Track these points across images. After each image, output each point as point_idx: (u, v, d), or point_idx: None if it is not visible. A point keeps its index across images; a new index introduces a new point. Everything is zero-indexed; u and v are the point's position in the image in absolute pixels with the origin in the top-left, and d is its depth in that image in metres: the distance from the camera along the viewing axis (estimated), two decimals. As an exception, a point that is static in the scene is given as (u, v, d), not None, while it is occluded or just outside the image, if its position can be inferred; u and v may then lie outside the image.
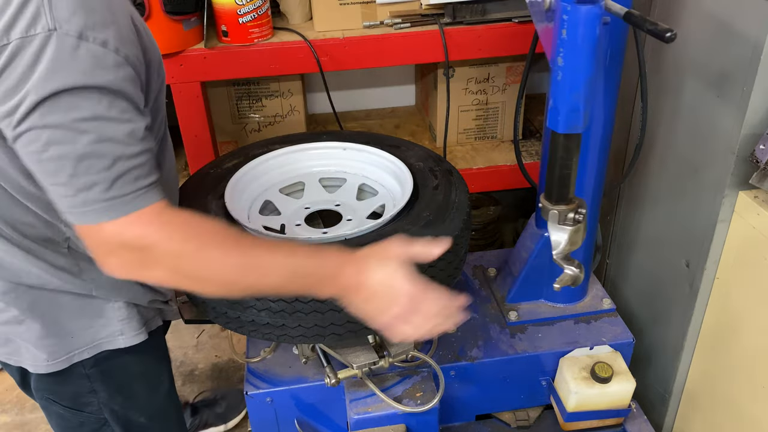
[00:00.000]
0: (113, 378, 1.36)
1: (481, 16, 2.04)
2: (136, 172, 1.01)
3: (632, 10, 1.25)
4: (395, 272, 1.11)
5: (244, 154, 1.69)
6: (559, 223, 1.44)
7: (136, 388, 1.42)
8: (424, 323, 1.16)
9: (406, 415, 1.57)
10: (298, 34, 2.03)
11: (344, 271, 1.11)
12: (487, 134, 2.48)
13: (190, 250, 1.02)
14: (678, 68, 1.72)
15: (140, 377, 1.42)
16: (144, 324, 1.35)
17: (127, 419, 1.42)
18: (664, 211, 1.88)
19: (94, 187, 0.98)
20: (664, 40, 1.19)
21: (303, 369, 1.70)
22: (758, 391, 1.61)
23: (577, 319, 1.85)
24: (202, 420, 2.33)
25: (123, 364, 1.36)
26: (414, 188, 1.53)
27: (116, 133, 0.99)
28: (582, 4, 1.18)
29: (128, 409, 1.41)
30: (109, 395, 1.37)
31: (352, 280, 1.11)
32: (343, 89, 2.69)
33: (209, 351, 2.69)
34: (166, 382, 1.50)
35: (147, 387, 1.44)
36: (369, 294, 1.12)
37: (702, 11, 1.59)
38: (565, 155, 1.36)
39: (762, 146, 1.45)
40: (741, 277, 1.61)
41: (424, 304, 1.14)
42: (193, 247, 1.02)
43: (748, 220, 1.54)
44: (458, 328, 1.82)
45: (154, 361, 1.45)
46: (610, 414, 1.76)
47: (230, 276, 1.06)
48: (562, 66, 1.24)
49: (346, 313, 1.31)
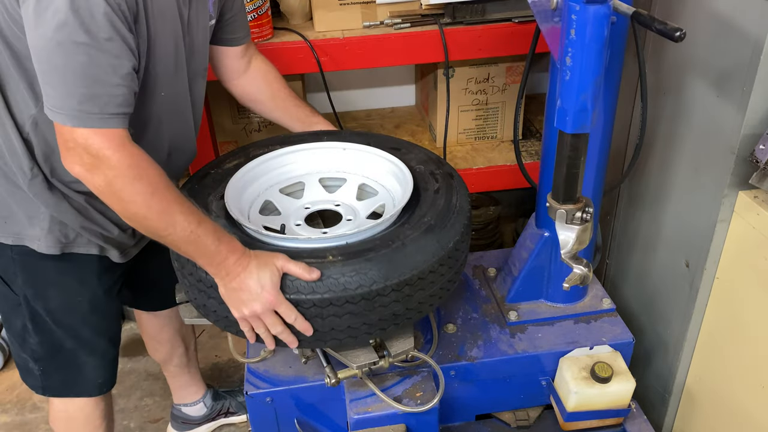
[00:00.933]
0: (30, 272, 1.56)
1: (481, 16, 2.04)
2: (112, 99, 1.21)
3: (640, 10, 1.26)
4: (268, 278, 1.29)
5: (244, 154, 1.69)
6: (566, 222, 1.45)
7: (50, 292, 1.59)
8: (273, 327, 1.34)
9: (406, 415, 1.57)
10: (298, 34, 2.04)
11: (228, 259, 1.29)
12: (487, 134, 2.48)
13: (128, 175, 1.22)
14: (678, 68, 1.72)
15: (54, 285, 1.59)
16: (62, 242, 1.51)
17: (35, 311, 1.61)
18: (664, 211, 1.88)
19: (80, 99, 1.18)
20: (673, 40, 1.19)
21: (303, 369, 1.70)
22: (758, 391, 1.61)
23: (577, 319, 1.85)
24: (224, 406, 2.34)
25: (41, 266, 1.55)
26: (415, 192, 1.53)
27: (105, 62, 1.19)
28: (591, 4, 1.18)
29: (36, 303, 1.60)
30: (23, 283, 1.58)
31: (231, 269, 1.30)
32: (343, 89, 2.69)
33: (209, 351, 2.69)
34: (85, 305, 1.63)
35: (60, 298, 1.61)
36: (238, 285, 1.30)
37: (702, 11, 1.59)
38: (573, 155, 1.36)
39: (762, 146, 1.45)
40: (741, 277, 1.61)
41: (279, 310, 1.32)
42: (131, 174, 1.22)
43: (748, 220, 1.54)
44: (458, 328, 1.82)
45: (74, 281, 1.60)
46: (610, 414, 1.76)
47: (145, 212, 1.25)
48: (570, 66, 1.24)
49: (346, 319, 1.31)
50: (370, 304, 1.33)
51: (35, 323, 1.62)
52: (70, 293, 1.61)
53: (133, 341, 2.75)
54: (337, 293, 1.30)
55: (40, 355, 1.67)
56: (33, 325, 1.62)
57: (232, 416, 2.36)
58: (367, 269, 1.31)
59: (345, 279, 1.30)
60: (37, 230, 1.49)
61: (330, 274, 1.30)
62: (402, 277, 1.33)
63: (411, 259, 1.35)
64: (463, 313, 1.88)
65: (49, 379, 1.71)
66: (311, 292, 1.30)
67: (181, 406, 2.30)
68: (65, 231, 1.51)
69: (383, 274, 1.31)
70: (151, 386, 2.56)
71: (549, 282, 1.85)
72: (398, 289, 1.33)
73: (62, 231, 1.50)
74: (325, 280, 1.30)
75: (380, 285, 1.31)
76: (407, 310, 1.39)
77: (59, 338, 1.65)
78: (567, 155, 1.37)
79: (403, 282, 1.33)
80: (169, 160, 1.55)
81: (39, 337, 1.64)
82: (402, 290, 1.34)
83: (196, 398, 2.29)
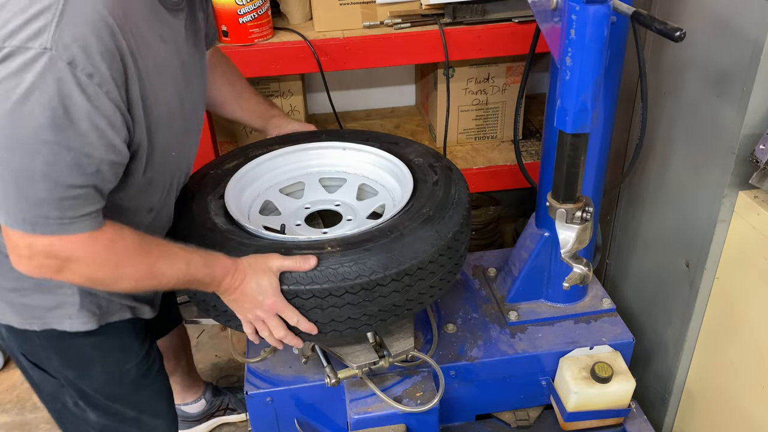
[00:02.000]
0: (65, 354, 1.45)
1: (481, 16, 2.04)
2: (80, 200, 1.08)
3: (640, 10, 1.26)
4: (267, 283, 1.31)
5: (244, 155, 1.69)
6: (566, 221, 1.45)
7: (94, 369, 1.49)
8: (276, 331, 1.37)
9: (406, 415, 1.57)
10: (298, 34, 2.04)
11: (226, 279, 1.31)
12: (487, 134, 2.48)
13: (107, 269, 1.17)
14: (678, 68, 1.72)
15: (96, 361, 1.49)
16: (98, 314, 1.40)
17: (82, 391, 1.51)
18: (664, 211, 1.88)
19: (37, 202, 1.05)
20: (673, 39, 1.19)
21: (303, 369, 1.70)
22: (758, 390, 1.61)
23: (577, 319, 1.85)
24: (223, 402, 2.34)
25: (77, 345, 1.44)
26: (414, 184, 1.53)
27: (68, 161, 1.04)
28: (591, 4, 1.18)
29: (82, 383, 1.50)
30: (62, 365, 1.46)
31: (228, 286, 1.33)
32: (343, 89, 2.69)
33: (209, 351, 2.69)
34: (134, 372, 1.55)
35: (105, 372, 1.51)
36: (240, 296, 1.34)
37: (702, 11, 1.59)
38: (573, 154, 1.37)
39: (762, 146, 1.45)
40: (741, 277, 1.61)
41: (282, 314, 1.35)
42: (112, 263, 1.17)
43: (748, 220, 1.54)
44: (458, 328, 1.82)
45: (115, 350, 1.51)
46: (610, 414, 1.76)
47: (136, 284, 1.23)
48: (570, 66, 1.24)
49: (346, 310, 1.31)
50: (370, 295, 1.33)
51: (87, 401, 1.53)
52: (114, 366, 1.52)
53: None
54: (336, 283, 1.30)
55: (105, 426, 1.58)
56: (85, 402, 1.53)
57: (232, 414, 2.36)
58: (366, 259, 1.31)
59: (344, 269, 1.30)
60: (67, 308, 1.36)
61: (329, 264, 1.30)
62: (401, 267, 1.33)
63: (410, 249, 1.35)
64: (463, 313, 1.88)
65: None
66: (310, 283, 1.30)
67: (181, 405, 2.30)
68: (97, 301, 1.39)
69: (382, 263, 1.32)
70: (151, 386, 2.56)
71: (549, 282, 1.85)
72: (398, 279, 1.34)
73: (93, 302, 1.38)
74: (323, 270, 1.30)
75: (379, 275, 1.31)
76: (407, 301, 1.39)
77: (116, 411, 1.57)
78: (567, 155, 1.37)
79: (402, 272, 1.33)
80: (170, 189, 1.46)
81: (96, 411, 1.55)
82: (401, 280, 1.34)
83: (196, 396, 2.30)
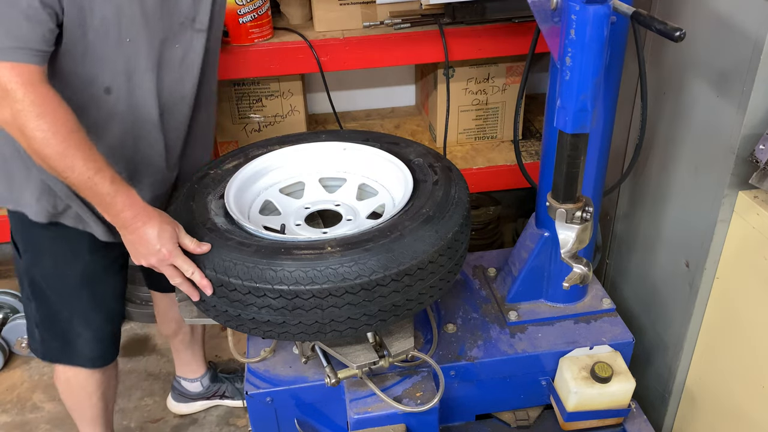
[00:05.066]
0: (27, 239, 1.65)
1: (481, 16, 2.04)
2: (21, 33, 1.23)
3: (640, 10, 1.26)
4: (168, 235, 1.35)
5: (244, 155, 1.70)
6: (566, 221, 1.45)
7: (44, 260, 1.66)
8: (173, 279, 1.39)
9: (406, 414, 1.57)
10: (298, 34, 2.04)
11: (124, 212, 1.35)
12: (487, 134, 2.48)
13: (32, 112, 1.25)
14: (678, 68, 1.72)
15: (47, 253, 1.66)
16: (51, 212, 1.55)
17: (33, 277, 1.69)
18: (664, 211, 1.88)
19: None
20: (673, 40, 1.19)
21: (303, 369, 1.70)
22: (758, 391, 1.61)
23: (577, 319, 1.85)
24: (220, 389, 2.40)
25: (36, 233, 1.61)
26: (414, 184, 1.53)
27: None
28: (590, 4, 1.18)
29: (34, 269, 1.68)
30: (23, 248, 1.67)
31: (128, 222, 1.36)
32: (343, 89, 2.69)
33: (209, 351, 2.68)
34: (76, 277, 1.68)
35: (53, 266, 1.67)
36: (137, 239, 1.37)
37: (702, 11, 1.59)
38: (573, 154, 1.37)
39: (762, 146, 1.45)
40: (741, 277, 1.61)
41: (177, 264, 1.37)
42: (35, 111, 1.25)
43: (748, 220, 1.54)
44: (458, 328, 1.82)
45: (66, 252, 1.65)
46: (609, 414, 1.76)
47: (45, 150, 1.28)
48: (570, 66, 1.24)
49: (346, 310, 1.31)
50: (370, 294, 1.33)
51: (33, 288, 1.70)
52: (61, 263, 1.66)
53: (133, 341, 2.75)
54: (336, 283, 1.30)
55: (39, 321, 1.75)
56: (31, 290, 1.71)
57: (228, 400, 2.42)
58: (366, 259, 1.31)
59: (344, 269, 1.30)
60: (28, 196, 1.53)
61: (329, 264, 1.30)
62: (401, 267, 1.33)
63: (410, 249, 1.35)
64: (463, 313, 1.88)
65: (47, 345, 1.79)
66: (310, 283, 1.30)
67: (181, 378, 2.39)
68: (54, 201, 1.54)
69: (382, 263, 1.32)
70: (151, 386, 2.56)
71: (549, 282, 1.85)
72: (397, 279, 1.34)
73: (50, 201, 1.53)
74: (323, 270, 1.30)
75: (379, 275, 1.31)
76: (407, 301, 1.39)
77: (54, 305, 1.71)
78: (567, 155, 1.38)
79: (402, 272, 1.34)
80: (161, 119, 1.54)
81: (36, 302, 1.71)
82: (401, 280, 1.34)
83: (195, 376, 2.37)
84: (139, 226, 1.35)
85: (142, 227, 1.35)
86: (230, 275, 1.32)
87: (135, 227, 1.36)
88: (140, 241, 1.36)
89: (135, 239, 1.37)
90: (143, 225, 1.35)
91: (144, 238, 1.35)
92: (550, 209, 1.46)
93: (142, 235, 1.36)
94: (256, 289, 1.31)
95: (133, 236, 1.37)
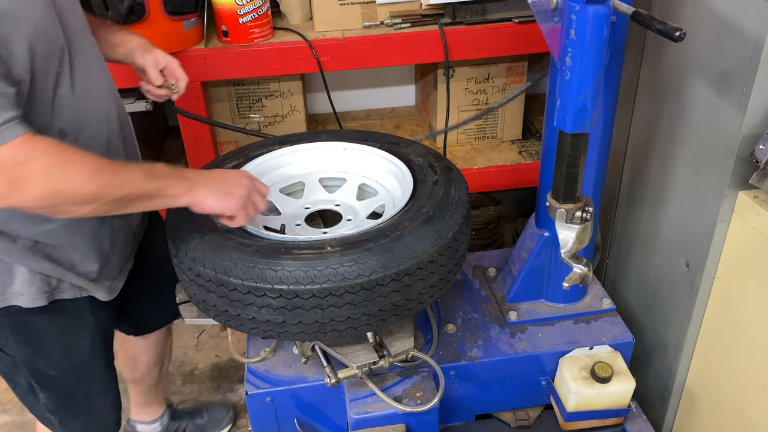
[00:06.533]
0: (21, 332, 1.48)
1: (481, 16, 2.04)
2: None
3: (640, 10, 1.26)
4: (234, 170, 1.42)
5: (243, 155, 1.70)
6: (566, 221, 1.45)
7: (48, 344, 1.52)
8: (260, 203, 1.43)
9: (406, 414, 1.57)
10: (298, 34, 2.04)
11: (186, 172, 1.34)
12: (487, 134, 2.48)
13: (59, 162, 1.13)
14: (678, 68, 1.72)
15: (51, 336, 1.51)
16: (47, 291, 1.44)
17: (36, 369, 1.54)
18: (664, 211, 1.88)
19: None
20: (673, 40, 1.19)
21: (303, 369, 1.70)
22: (758, 391, 1.61)
23: (577, 319, 1.85)
24: (180, 427, 2.26)
25: (32, 321, 1.46)
26: (414, 184, 1.53)
27: None
28: (590, 4, 1.18)
29: (36, 361, 1.53)
30: (17, 344, 1.49)
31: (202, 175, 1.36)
32: (343, 89, 2.69)
33: (209, 351, 2.69)
34: (87, 346, 1.57)
35: (60, 346, 1.54)
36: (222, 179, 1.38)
37: (702, 11, 1.59)
38: (573, 154, 1.37)
39: (762, 146, 1.45)
40: (741, 277, 1.61)
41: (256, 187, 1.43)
42: (61, 160, 1.13)
43: (748, 220, 1.54)
44: (458, 328, 1.82)
45: (70, 326, 1.53)
46: (609, 414, 1.76)
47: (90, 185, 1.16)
48: (570, 66, 1.24)
49: (346, 310, 1.31)
50: (370, 294, 1.33)
51: (40, 381, 1.56)
52: (67, 339, 1.55)
53: (133, 341, 2.75)
54: (336, 283, 1.30)
55: (54, 408, 1.62)
56: (38, 383, 1.56)
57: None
58: (366, 259, 1.31)
59: (344, 269, 1.30)
60: (18, 285, 1.41)
61: (329, 264, 1.30)
62: (401, 267, 1.33)
63: (410, 249, 1.35)
64: (463, 313, 1.88)
65: (70, 428, 1.67)
66: (310, 283, 1.30)
67: (136, 423, 2.22)
68: (47, 279, 1.43)
69: (382, 263, 1.32)
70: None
71: (549, 282, 1.85)
72: (397, 279, 1.34)
73: (43, 280, 1.43)
74: (323, 270, 1.30)
75: (379, 275, 1.31)
76: (407, 301, 1.39)
77: (69, 386, 1.60)
78: (567, 155, 1.38)
79: (402, 272, 1.34)
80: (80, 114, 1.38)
81: (46, 392, 1.58)
82: (401, 280, 1.34)
83: (153, 417, 2.21)
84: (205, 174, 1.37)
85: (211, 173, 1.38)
86: (230, 275, 1.32)
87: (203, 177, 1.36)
88: (224, 178, 1.38)
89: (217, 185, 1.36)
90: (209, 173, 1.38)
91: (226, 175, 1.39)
92: (550, 209, 1.46)
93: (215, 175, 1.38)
94: (256, 288, 1.31)
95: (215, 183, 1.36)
